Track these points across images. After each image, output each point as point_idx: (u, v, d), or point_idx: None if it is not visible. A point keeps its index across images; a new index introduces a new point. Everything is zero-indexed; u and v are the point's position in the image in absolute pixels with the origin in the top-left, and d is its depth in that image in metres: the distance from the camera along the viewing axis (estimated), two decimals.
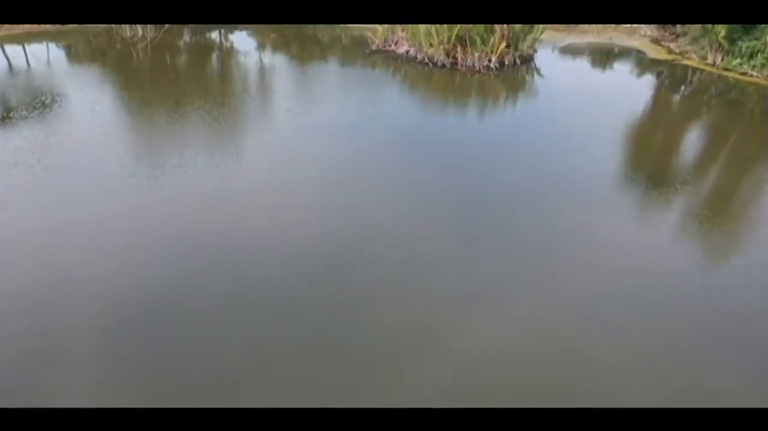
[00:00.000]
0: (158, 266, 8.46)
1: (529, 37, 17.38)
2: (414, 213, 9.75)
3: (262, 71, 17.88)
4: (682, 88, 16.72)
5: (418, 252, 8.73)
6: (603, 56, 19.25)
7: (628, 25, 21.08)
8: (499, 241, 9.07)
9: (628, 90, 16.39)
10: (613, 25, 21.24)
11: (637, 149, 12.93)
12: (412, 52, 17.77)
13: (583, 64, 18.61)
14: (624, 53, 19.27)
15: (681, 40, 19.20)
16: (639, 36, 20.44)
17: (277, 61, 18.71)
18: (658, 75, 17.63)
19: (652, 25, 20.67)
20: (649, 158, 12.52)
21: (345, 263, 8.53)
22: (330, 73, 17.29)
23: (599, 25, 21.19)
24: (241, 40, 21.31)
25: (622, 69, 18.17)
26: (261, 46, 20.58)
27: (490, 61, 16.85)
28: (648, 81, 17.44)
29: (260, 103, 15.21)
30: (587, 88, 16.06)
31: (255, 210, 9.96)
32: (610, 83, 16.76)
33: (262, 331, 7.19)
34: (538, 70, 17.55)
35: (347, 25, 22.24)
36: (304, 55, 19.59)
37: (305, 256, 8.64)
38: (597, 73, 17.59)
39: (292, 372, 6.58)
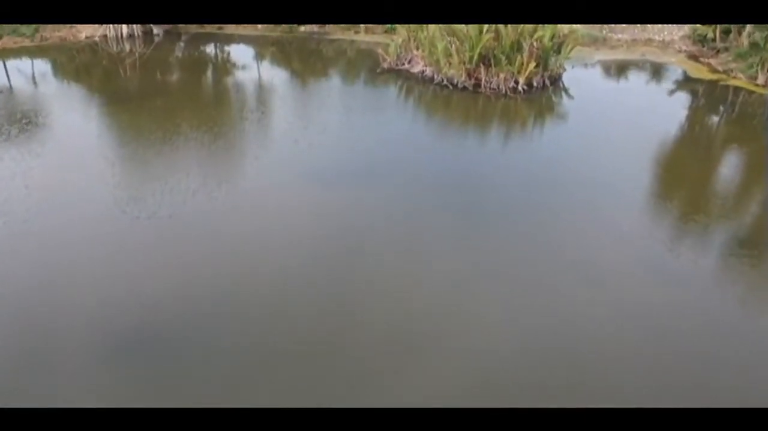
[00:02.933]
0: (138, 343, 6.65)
1: (561, 56, 15.61)
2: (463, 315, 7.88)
3: (263, 93, 16.07)
4: (731, 112, 14.96)
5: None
6: (638, 75, 17.46)
7: (661, 39, 19.37)
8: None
9: (671, 116, 14.60)
10: (644, 39, 19.54)
11: (701, 197, 11.14)
12: (428, 72, 15.98)
13: (616, 84, 16.82)
14: (660, 71, 17.48)
15: (722, 56, 17.45)
16: (674, 51, 18.69)
17: (278, 82, 16.89)
18: (702, 97, 15.88)
19: (688, 40, 18.94)
20: (714, 206, 10.74)
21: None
22: (338, 96, 15.46)
23: (629, 40, 19.49)
24: (238, 54, 19.50)
25: (660, 90, 16.35)
26: (260, 62, 18.79)
27: (516, 82, 15.06)
28: (691, 104, 15.67)
29: (261, 132, 13.40)
30: (626, 113, 14.24)
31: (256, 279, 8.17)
32: (650, 108, 14.92)
33: None
34: (567, 91, 15.77)
35: (353, 37, 20.51)
36: (308, 73, 17.79)
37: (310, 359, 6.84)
38: (634, 95, 15.75)
39: None
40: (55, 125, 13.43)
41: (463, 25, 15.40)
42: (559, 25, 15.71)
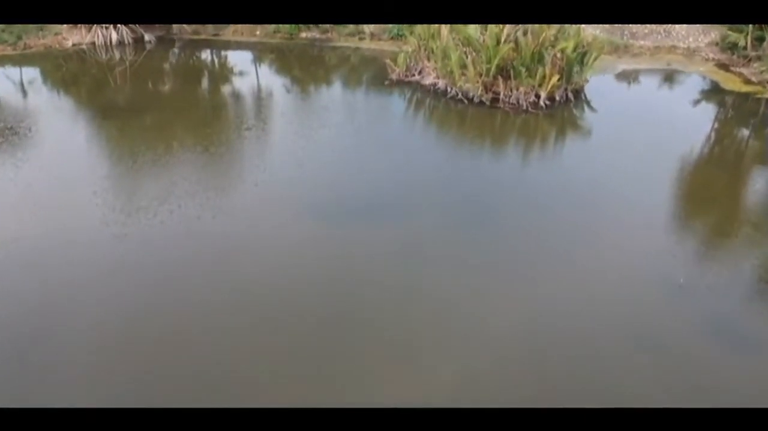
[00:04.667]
0: None
1: (585, 67, 14.37)
2: None
3: (262, 109, 14.83)
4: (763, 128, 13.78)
5: None
6: (665, 86, 16.24)
7: (686, 47, 18.15)
8: None
9: (707, 134, 13.44)
10: (667, 46, 18.32)
11: (750, 228, 9.97)
12: (441, 84, 14.74)
13: (643, 96, 15.53)
14: (689, 82, 16.27)
15: (756, 65, 16.25)
16: (701, 60, 17.48)
17: (279, 95, 15.62)
18: (737, 111, 14.70)
19: (716, 48, 17.74)
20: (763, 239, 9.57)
21: None
22: (345, 112, 14.15)
23: (651, 47, 18.27)
24: (235, 63, 18.22)
25: (692, 104, 15.10)
26: (258, 72, 17.53)
27: (538, 97, 13.85)
28: (726, 119, 14.50)
29: (261, 154, 12.21)
30: (658, 132, 12.98)
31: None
32: (684, 124, 13.69)
33: None
34: (592, 106, 14.54)
35: (358, 44, 19.29)
36: (311, 85, 16.53)
37: None
38: (664, 110, 14.45)
39: None
40: (33, 145, 12.22)
41: (480, 35, 14.21)
42: (582, 35, 14.50)
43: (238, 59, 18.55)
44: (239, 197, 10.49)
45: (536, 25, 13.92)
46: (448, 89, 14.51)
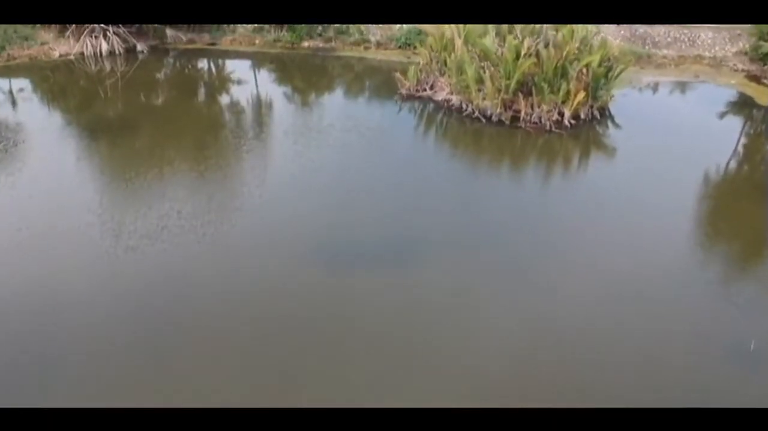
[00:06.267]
0: None
1: (610, 82, 13.28)
2: None
3: (263, 129, 13.68)
4: None
5: None
6: (695, 101, 15.18)
7: (712, 56, 17.13)
8: None
9: (750, 161, 12.42)
10: (692, 55, 17.30)
11: None
12: (455, 100, 13.67)
13: (673, 113, 14.37)
14: (721, 97, 15.20)
15: None
16: (729, 70, 16.46)
17: (280, 113, 14.46)
18: None
19: (745, 58, 16.71)
20: None
21: None
22: (353, 131, 12.98)
23: (675, 56, 17.26)
24: (232, 76, 17.13)
25: (727, 124, 14.00)
26: (257, 86, 16.40)
27: (561, 115, 12.78)
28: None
29: (261, 182, 11.11)
30: (697, 155, 11.95)
31: None
32: (724, 151, 12.54)
33: None
34: (619, 125, 13.46)
35: (363, 54, 18.22)
36: (315, 100, 15.41)
37: None
38: (700, 130, 13.28)
39: None
40: (10, 171, 11.11)
41: (497, 47, 13.15)
42: (608, 47, 13.45)
43: (236, 71, 17.45)
44: (238, 234, 9.42)
45: (559, 37, 12.88)
46: (464, 106, 13.44)
